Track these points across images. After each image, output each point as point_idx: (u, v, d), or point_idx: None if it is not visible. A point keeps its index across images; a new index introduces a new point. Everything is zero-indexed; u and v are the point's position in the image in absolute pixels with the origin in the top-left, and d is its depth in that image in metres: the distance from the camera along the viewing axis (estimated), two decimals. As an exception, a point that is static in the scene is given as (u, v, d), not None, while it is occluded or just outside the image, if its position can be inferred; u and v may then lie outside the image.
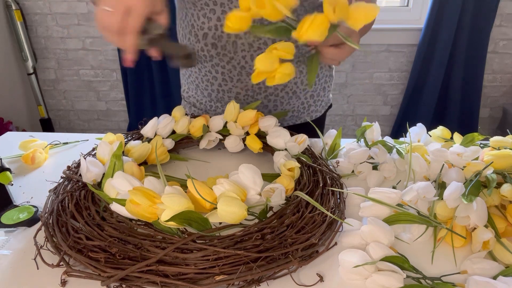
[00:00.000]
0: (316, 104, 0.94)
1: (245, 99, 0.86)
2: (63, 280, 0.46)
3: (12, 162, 0.75)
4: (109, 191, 0.52)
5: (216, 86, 0.86)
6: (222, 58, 0.81)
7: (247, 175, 0.51)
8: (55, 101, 2.34)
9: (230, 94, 0.86)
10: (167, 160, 0.73)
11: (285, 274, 0.47)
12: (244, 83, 0.83)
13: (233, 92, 0.86)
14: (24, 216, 0.57)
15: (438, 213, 0.54)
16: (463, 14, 1.91)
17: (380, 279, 0.44)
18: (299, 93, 0.89)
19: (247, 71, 0.81)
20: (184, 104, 0.99)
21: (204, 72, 0.86)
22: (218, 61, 0.82)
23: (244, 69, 0.81)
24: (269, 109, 0.89)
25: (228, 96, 0.87)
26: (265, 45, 0.78)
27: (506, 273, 0.46)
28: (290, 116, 0.92)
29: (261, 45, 0.78)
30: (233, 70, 0.82)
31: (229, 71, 0.82)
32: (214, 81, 0.86)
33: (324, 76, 0.92)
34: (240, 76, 0.82)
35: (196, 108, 0.96)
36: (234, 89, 0.85)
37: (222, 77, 0.84)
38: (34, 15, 2.09)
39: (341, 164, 0.71)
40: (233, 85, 0.84)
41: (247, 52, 0.79)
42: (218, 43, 0.79)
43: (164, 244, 0.46)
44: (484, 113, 2.26)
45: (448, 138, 0.75)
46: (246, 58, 0.80)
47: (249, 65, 0.81)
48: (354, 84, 2.20)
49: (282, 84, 0.84)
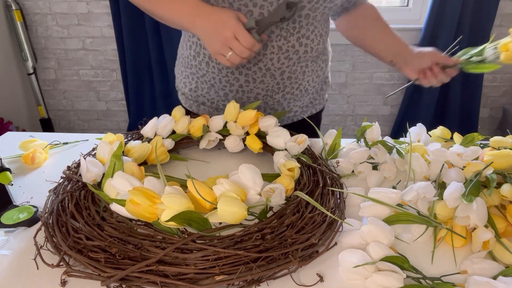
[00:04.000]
0: (321, 97, 0.98)
1: (264, 99, 0.86)
2: (63, 280, 0.46)
3: (12, 162, 0.75)
4: (109, 191, 0.52)
5: (236, 87, 0.85)
6: (250, 60, 0.80)
7: (247, 175, 0.51)
8: (55, 101, 2.34)
9: (250, 95, 0.86)
10: (167, 160, 0.73)
11: (285, 274, 0.47)
12: (266, 83, 0.83)
13: (253, 93, 0.85)
14: (24, 216, 0.57)
15: (438, 213, 0.54)
16: (463, 14, 1.90)
17: (380, 279, 0.44)
18: (310, 90, 0.91)
19: (272, 73, 0.82)
20: (190, 104, 0.96)
21: (225, 73, 0.84)
22: (245, 63, 0.81)
23: (269, 71, 0.81)
24: (283, 106, 0.90)
25: (248, 96, 0.86)
26: (292, 48, 0.79)
27: (506, 273, 0.46)
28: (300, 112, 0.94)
29: (289, 47, 0.78)
30: (258, 72, 0.81)
31: (254, 72, 0.81)
32: (235, 82, 0.84)
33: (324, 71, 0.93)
34: (264, 78, 0.82)
35: (205, 106, 0.94)
36: (255, 90, 0.84)
37: (245, 78, 0.83)
38: (34, 15, 2.09)
39: (341, 164, 0.71)
40: (255, 86, 0.84)
41: (275, 54, 0.79)
42: None
43: (164, 244, 0.46)
44: (484, 113, 2.26)
45: (448, 138, 0.75)
46: (273, 61, 0.80)
47: (274, 67, 0.81)
48: (354, 84, 2.20)
49: (297, 83, 0.86)
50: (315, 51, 0.84)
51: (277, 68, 0.81)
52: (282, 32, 0.77)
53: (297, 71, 0.84)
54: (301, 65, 0.84)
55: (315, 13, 0.77)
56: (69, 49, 2.18)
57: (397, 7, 2.10)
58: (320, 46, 0.85)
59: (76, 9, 2.08)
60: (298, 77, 0.85)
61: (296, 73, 0.84)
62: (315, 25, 0.80)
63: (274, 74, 0.82)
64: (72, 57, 2.20)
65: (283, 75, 0.83)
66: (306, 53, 0.82)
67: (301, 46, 0.80)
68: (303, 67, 0.85)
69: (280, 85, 0.85)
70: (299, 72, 0.85)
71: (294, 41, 0.78)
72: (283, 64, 0.81)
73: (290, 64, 0.81)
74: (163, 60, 2.04)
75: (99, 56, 2.19)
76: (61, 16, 2.09)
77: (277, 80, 0.83)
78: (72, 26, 2.12)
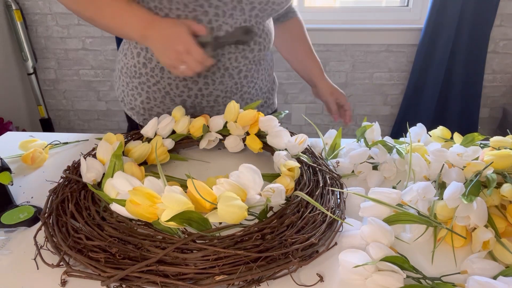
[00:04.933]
0: (273, 97, 1.01)
1: (224, 101, 0.85)
2: (63, 280, 0.46)
3: (12, 162, 0.75)
4: (109, 191, 0.52)
5: (195, 91, 0.82)
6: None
7: (247, 175, 0.51)
8: (55, 101, 2.34)
9: (210, 98, 0.84)
10: (167, 160, 0.73)
11: (285, 274, 0.47)
12: (225, 84, 0.83)
13: (213, 96, 0.83)
14: (24, 216, 0.57)
15: (438, 213, 0.54)
16: (463, 14, 1.90)
17: (380, 279, 0.44)
18: (264, 89, 0.93)
19: (230, 73, 0.81)
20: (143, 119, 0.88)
21: (182, 77, 0.81)
22: None
23: (227, 71, 0.81)
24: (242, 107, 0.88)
25: (207, 100, 0.84)
26: (248, 46, 0.79)
27: (506, 273, 0.46)
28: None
29: (245, 46, 0.79)
30: (217, 72, 0.81)
31: (213, 73, 0.81)
32: (193, 86, 0.81)
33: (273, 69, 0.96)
34: (222, 78, 0.82)
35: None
36: (215, 92, 0.83)
37: (204, 80, 0.81)
38: (34, 15, 2.09)
39: (341, 164, 0.71)
40: (215, 88, 0.82)
41: (233, 54, 0.79)
42: None
43: (164, 244, 0.46)
44: (484, 113, 2.26)
45: (448, 138, 0.75)
46: (231, 60, 0.79)
47: (232, 66, 0.80)
48: (354, 84, 2.20)
49: (253, 82, 0.87)
50: (267, 49, 0.86)
51: (234, 67, 0.81)
52: None
53: (253, 69, 0.85)
54: (255, 63, 0.84)
55: (263, 14, 0.79)
56: (69, 49, 2.18)
57: (397, 7, 2.10)
58: (270, 44, 0.87)
59: (76, 9, 2.08)
60: (254, 76, 0.86)
61: (251, 72, 0.85)
62: (264, 24, 0.82)
63: (232, 74, 0.82)
64: (72, 57, 2.20)
65: (240, 74, 0.83)
66: (260, 51, 0.83)
67: (255, 45, 0.81)
68: (257, 65, 0.85)
69: (238, 85, 0.84)
70: (254, 71, 0.85)
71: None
72: (240, 63, 0.81)
73: (246, 62, 0.82)
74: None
75: (99, 56, 2.19)
76: (61, 16, 2.09)
77: (235, 79, 0.83)
78: (72, 26, 2.12)
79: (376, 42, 2.08)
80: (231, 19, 0.75)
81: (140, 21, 0.69)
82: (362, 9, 2.07)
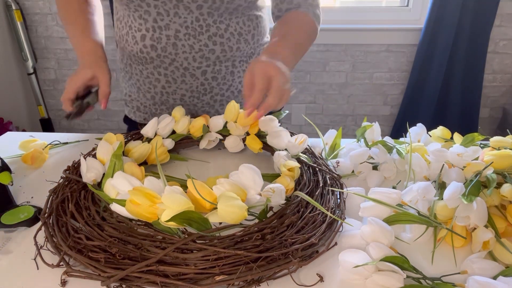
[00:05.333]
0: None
1: (191, 101, 0.85)
2: (63, 280, 0.46)
3: (12, 162, 0.75)
4: (109, 191, 0.52)
5: (160, 89, 0.84)
6: (163, 60, 0.79)
7: (247, 175, 0.51)
8: (55, 101, 2.34)
9: (175, 96, 0.85)
10: (167, 160, 0.73)
11: (285, 274, 0.47)
12: (188, 84, 0.82)
13: (178, 94, 0.84)
14: (24, 216, 0.57)
15: (438, 213, 0.54)
16: (463, 14, 1.90)
17: (380, 279, 0.44)
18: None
19: (191, 72, 0.80)
20: (128, 110, 0.96)
21: (146, 74, 0.83)
22: (159, 63, 0.80)
23: (187, 70, 0.80)
24: (216, 109, 0.88)
25: (173, 98, 0.85)
26: (205, 47, 0.78)
27: (506, 273, 0.46)
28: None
29: (202, 46, 0.77)
30: (176, 72, 0.80)
31: (172, 72, 0.81)
32: (157, 83, 0.83)
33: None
34: (184, 78, 0.81)
35: (140, 113, 0.93)
36: (179, 91, 0.83)
37: (165, 79, 0.82)
38: (34, 15, 2.09)
39: (341, 164, 0.71)
40: (177, 87, 0.83)
41: (188, 53, 0.78)
42: (158, 45, 0.78)
43: (164, 244, 0.46)
44: (484, 113, 2.26)
45: (448, 138, 0.75)
46: (189, 60, 0.79)
47: (192, 66, 0.79)
48: (354, 84, 2.20)
49: (227, 84, 0.85)
50: (238, 51, 0.81)
51: (196, 68, 0.80)
52: (189, 31, 0.76)
53: (222, 71, 0.82)
54: (225, 64, 0.82)
55: (220, 12, 0.75)
56: (69, 49, 2.18)
57: (397, 7, 2.10)
58: (243, 45, 0.82)
59: (76, 9, 2.08)
60: (226, 78, 0.84)
61: (222, 73, 0.83)
62: (228, 23, 0.78)
63: (195, 74, 0.81)
64: (72, 57, 2.20)
65: (206, 75, 0.81)
66: (224, 52, 0.79)
67: (215, 45, 0.78)
68: (229, 67, 0.83)
69: (205, 86, 0.83)
70: (226, 73, 0.83)
71: (205, 39, 0.77)
72: (201, 64, 0.79)
73: (210, 63, 0.80)
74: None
75: (99, 56, 2.19)
76: (61, 16, 2.09)
77: (200, 80, 0.82)
78: (72, 26, 2.12)
79: (376, 42, 2.08)
80: (178, 17, 0.75)
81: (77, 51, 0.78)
82: (362, 9, 2.07)
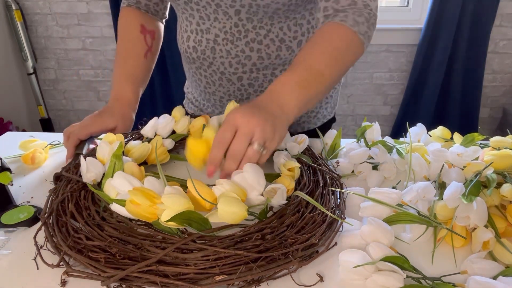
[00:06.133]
0: (309, 115, 0.92)
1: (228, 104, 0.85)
2: (63, 280, 0.46)
3: (12, 162, 0.75)
4: (109, 191, 0.52)
5: (202, 88, 0.87)
6: (202, 62, 0.81)
7: (252, 174, 0.51)
8: (55, 101, 2.34)
9: (215, 97, 0.87)
10: (167, 160, 0.73)
11: (285, 274, 0.47)
12: (226, 88, 0.83)
13: (217, 95, 0.86)
14: (24, 216, 0.57)
15: (438, 213, 0.54)
16: (463, 14, 1.91)
17: (380, 279, 0.44)
18: None
19: (227, 77, 0.81)
20: (186, 101, 1.01)
21: (192, 73, 0.87)
22: (200, 65, 0.82)
23: (224, 75, 0.80)
24: None
25: (214, 98, 0.87)
26: (242, 52, 0.77)
27: (506, 273, 0.46)
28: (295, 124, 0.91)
29: (239, 52, 0.77)
30: (214, 75, 0.81)
31: (211, 75, 0.82)
32: (199, 83, 0.87)
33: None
34: (221, 81, 0.82)
35: (193, 105, 0.97)
36: (218, 93, 0.85)
37: (205, 80, 0.84)
38: (34, 15, 2.09)
39: (341, 164, 0.71)
40: (216, 89, 0.84)
41: (225, 58, 0.78)
42: (198, 47, 0.79)
43: (164, 244, 0.46)
44: (484, 113, 2.26)
45: (448, 138, 0.75)
46: (225, 65, 0.79)
47: (228, 72, 0.80)
48: (354, 84, 2.20)
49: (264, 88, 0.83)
50: (277, 59, 0.78)
51: (231, 73, 0.79)
52: (227, 36, 0.75)
53: (260, 78, 0.80)
54: (264, 72, 0.79)
55: (259, 17, 0.72)
56: (69, 49, 2.18)
57: (397, 7, 2.10)
58: (285, 53, 0.78)
59: (76, 9, 2.08)
60: (264, 86, 0.82)
61: (259, 81, 0.81)
62: (269, 29, 0.75)
63: (231, 79, 0.80)
64: (72, 57, 2.20)
65: (242, 81, 0.80)
66: (261, 59, 0.77)
67: (252, 52, 0.76)
68: (267, 75, 0.80)
69: (242, 91, 0.83)
70: (263, 80, 0.81)
71: (242, 45, 0.76)
72: (237, 70, 0.78)
73: (246, 70, 0.78)
74: (163, 60, 2.04)
75: (99, 56, 2.19)
76: (61, 16, 2.09)
77: (236, 85, 0.81)
78: (72, 26, 2.12)
79: (376, 42, 2.08)
80: (218, 22, 0.75)
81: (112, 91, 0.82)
82: (362, 9, 2.06)
